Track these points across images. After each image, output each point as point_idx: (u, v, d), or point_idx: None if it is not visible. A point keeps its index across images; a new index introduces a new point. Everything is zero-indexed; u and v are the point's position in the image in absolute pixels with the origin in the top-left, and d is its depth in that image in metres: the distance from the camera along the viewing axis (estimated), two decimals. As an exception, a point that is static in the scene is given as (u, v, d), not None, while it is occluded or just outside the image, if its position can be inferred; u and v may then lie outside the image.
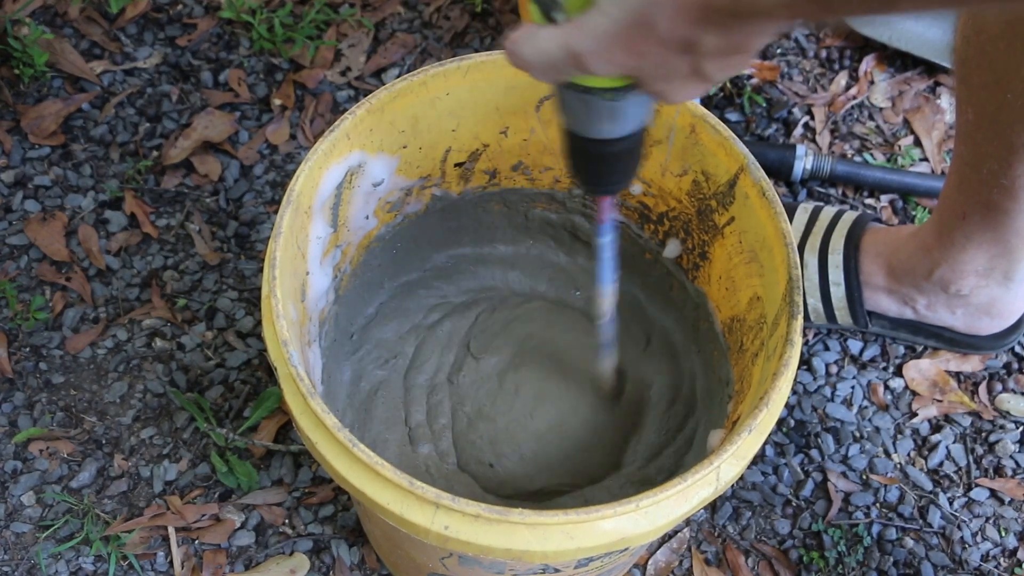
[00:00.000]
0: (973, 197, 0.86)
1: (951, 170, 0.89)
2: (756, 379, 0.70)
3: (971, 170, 0.84)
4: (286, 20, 1.21)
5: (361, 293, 0.87)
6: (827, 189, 1.13)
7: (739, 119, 1.17)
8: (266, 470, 0.97)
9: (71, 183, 1.11)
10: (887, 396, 1.03)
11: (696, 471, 0.61)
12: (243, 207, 1.10)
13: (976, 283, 0.93)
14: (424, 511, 0.60)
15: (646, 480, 0.84)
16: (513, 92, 0.77)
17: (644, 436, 0.87)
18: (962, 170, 0.86)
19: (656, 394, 0.88)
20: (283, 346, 0.63)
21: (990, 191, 0.84)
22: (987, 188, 0.84)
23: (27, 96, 1.16)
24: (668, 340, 0.89)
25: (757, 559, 0.95)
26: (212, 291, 1.05)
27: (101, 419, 0.99)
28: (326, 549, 0.94)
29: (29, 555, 0.93)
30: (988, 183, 0.83)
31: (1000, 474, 1.00)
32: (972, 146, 0.82)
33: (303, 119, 1.16)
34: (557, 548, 0.60)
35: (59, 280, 1.05)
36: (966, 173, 0.85)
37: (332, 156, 0.72)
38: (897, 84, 1.20)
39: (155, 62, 1.19)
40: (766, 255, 0.71)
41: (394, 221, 0.84)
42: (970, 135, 0.82)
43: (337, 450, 0.62)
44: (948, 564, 0.95)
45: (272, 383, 1.01)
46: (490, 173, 0.85)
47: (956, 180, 0.88)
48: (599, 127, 0.55)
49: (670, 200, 0.81)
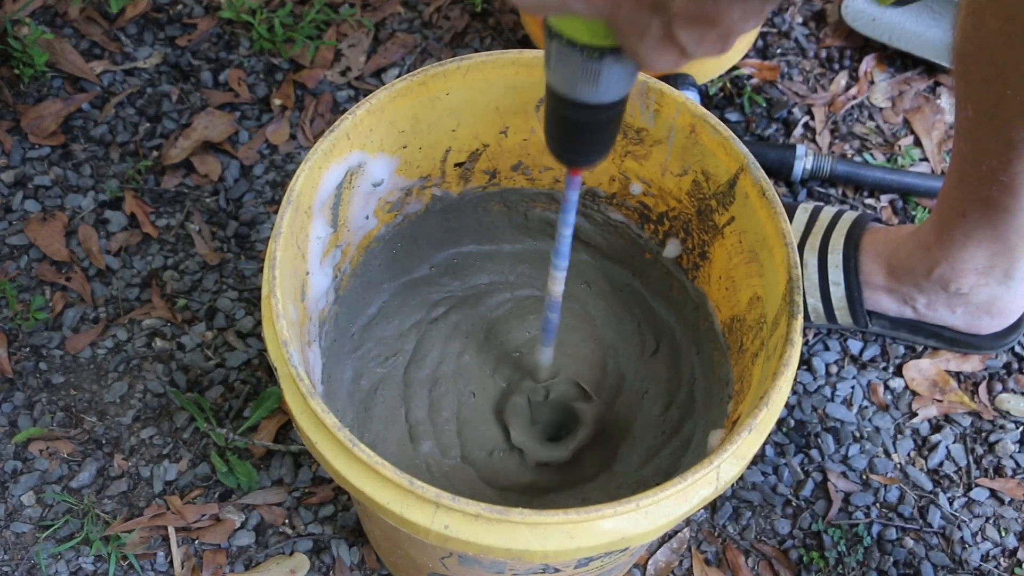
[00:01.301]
0: (973, 194, 0.86)
1: (951, 168, 0.88)
2: (756, 379, 0.70)
3: (970, 167, 0.84)
4: (286, 20, 1.21)
5: (361, 293, 0.87)
6: (827, 189, 1.13)
7: (739, 119, 1.17)
8: (266, 470, 0.97)
9: (71, 183, 1.11)
10: (887, 396, 1.03)
11: (696, 471, 0.61)
12: (243, 207, 1.10)
13: (976, 281, 0.93)
14: (424, 511, 0.60)
15: (642, 481, 0.84)
16: (513, 92, 0.77)
17: (640, 436, 0.87)
18: (962, 167, 0.86)
19: (653, 395, 0.88)
20: (283, 346, 0.63)
21: (990, 188, 0.83)
22: (987, 185, 0.83)
23: (27, 96, 1.16)
24: (671, 341, 0.89)
25: (757, 559, 0.95)
26: (212, 291, 1.05)
27: (101, 419, 0.99)
28: (326, 549, 0.94)
29: (29, 555, 0.93)
30: (987, 180, 0.83)
31: (1000, 474, 1.00)
32: (971, 143, 0.82)
33: (303, 119, 1.16)
34: (557, 548, 0.60)
35: (59, 280, 1.05)
36: (966, 170, 0.85)
37: (332, 156, 0.72)
38: (897, 84, 1.21)
39: (155, 62, 1.19)
40: (766, 255, 0.71)
41: (394, 221, 0.84)
42: (969, 132, 0.82)
43: (337, 450, 0.62)
44: (948, 564, 0.95)
45: (272, 383, 1.01)
46: (490, 173, 0.85)
47: (956, 178, 0.88)
48: (579, 88, 0.56)
49: (670, 200, 0.81)
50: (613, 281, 0.92)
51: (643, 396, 0.89)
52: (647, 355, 0.90)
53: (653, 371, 0.89)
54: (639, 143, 0.79)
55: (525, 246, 0.93)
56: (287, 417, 0.98)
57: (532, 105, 0.78)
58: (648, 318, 0.90)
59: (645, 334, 0.90)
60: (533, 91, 0.77)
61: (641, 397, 0.89)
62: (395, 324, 0.92)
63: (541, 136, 0.81)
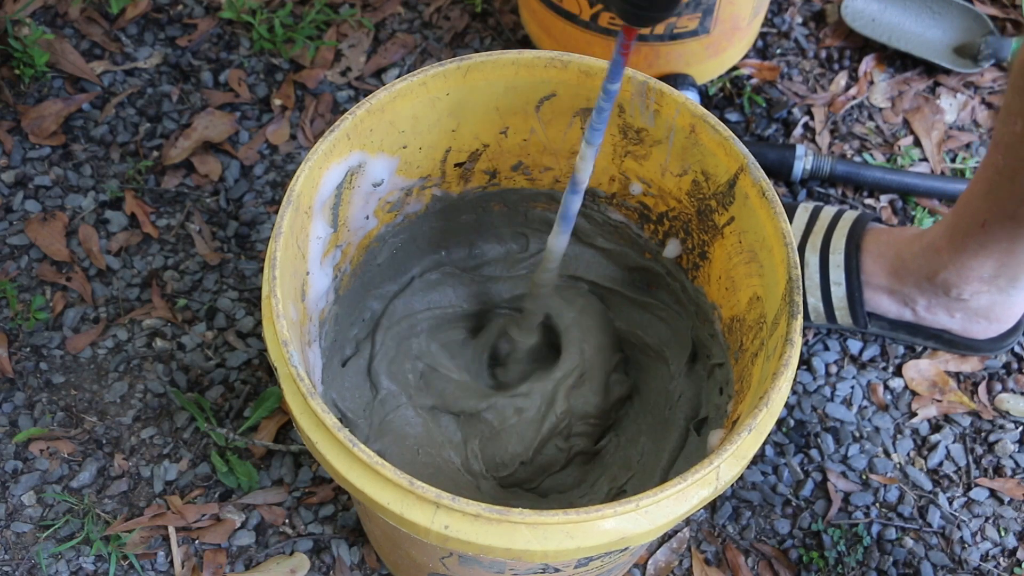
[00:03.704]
0: (999, 208, 0.85)
1: (979, 176, 0.87)
2: (756, 379, 0.70)
3: (1005, 181, 0.83)
4: (286, 20, 1.21)
5: (361, 293, 0.87)
6: (827, 189, 1.14)
7: (739, 119, 1.17)
8: (266, 470, 0.97)
9: (71, 183, 1.11)
10: (887, 396, 1.03)
11: (696, 471, 0.61)
12: (243, 207, 1.10)
13: (978, 288, 0.93)
14: (424, 511, 0.60)
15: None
16: (513, 92, 0.77)
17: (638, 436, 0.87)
18: (993, 179, 0.84)
19: (653, 394, 0.89)
20: (283, 346, 0.63)
21: (1019, 205, 0.83)
22: (1016, 201, 0.83)
23: (28, 96, 1.16)
24: (671, 341, 0.89)
25: (757, 559, 0.95)
26: (212, 291, 1.06)
27: (101, 419, 0.99)
28: (326, 549, 0.94)
29: (29, 555, 0.93)
30: (1019, 197, 0.82)
31: (1000, 474, 1.00)
32: (1012, 158, 0.81)
33: (303, 119, 1.16)
34: (557, 547, 0.60)
35: (59, 280, 1.05)
36: (997, 183, 0.84)
37: (332, 156, 0.72)
38: (897, 84, 1.21)
39: (155, 62, 1.19)
40: (766, 255, 0.71)
41: (394, 221, 0.84)
42: (1012, 147, 0.80)
43: (337, 450, 0.62)
44: (948, 564, 0.95)
45: (272, 383, 1.01)
46: (490, 173, 0.85)
47: (983, 188, 0.86)
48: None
49: (670, 200, 0.81)
50: (613, 281, 0.92)
51: (643, 396, 0.89)
52: (648, 355, 0.90)
53: (653, 371, 0.90)
54: (639, 143, 0.79)
55: (525, 244, 0.93)
56: (287, 417, 0.99)
57: (532, 105, 0.78)
58: (648, 318, 0.91)
59: (645, 334, 0.90)
60: (533, 91, 0.77)
61: (641, 397, 0.89)
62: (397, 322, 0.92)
63: (541, 136, 0.81)
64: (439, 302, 0.92)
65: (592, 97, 0.77)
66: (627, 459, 0.86)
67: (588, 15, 1.07)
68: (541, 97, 0.78)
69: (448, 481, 0.85)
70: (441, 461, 0.86)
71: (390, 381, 0.88)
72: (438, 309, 0.91)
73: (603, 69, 0.74)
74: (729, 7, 1.07)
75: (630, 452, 0.86)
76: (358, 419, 0.86)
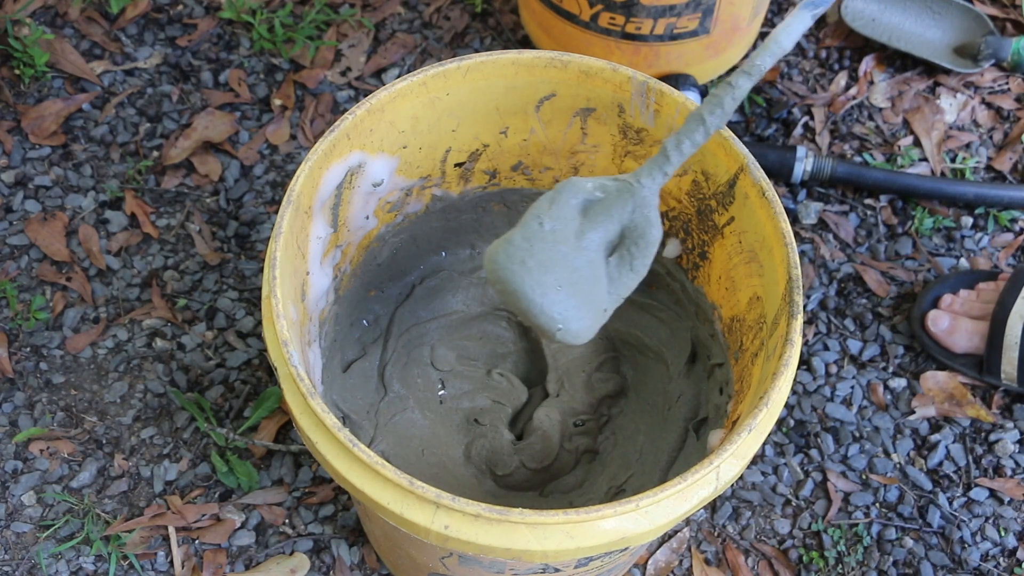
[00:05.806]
0: None
1: None
2: (756, 379, 0.70)
3: None
4: (286, 20, 1.22)
5: (361, 293, 0.87)
6: (827, 191, 1.14)
7: (739, 119, 1.17)
8: (266, 470, 0.97)
9: (71, 183, 1.11)
10: (887, 396, 1.03)
11: (696, 471, 0.61)
12: (243, 207, 1.10)
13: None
14: (424, 511, 0.60)
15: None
16: (513, 92, 0.77)
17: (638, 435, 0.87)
18: None
19: (654, 392, 0.89)
20: (283, 346, 0.63)
21: None
22: None
23: (27, 96, 1.16)
24: (671, 342, 0.89)
25: (757, 559, 0.95)
26: (212, 291, 1.06)
27: (101, 419, 0.99)
28: (326, 549, 0.94)
29: (29, 555, 0.93)
30: None
31: (1000, 474, 1.00)
32: None
33: (303, 119, 1.16)
34: (557, 547, 0.60)
35: (59, 280, 1.05)
36: None
37: (332, 156, 0.72)
38: (897, 84, 1.21)
39: (155, 62, 1.19)
40: (766, 255, 0.71)
41: (394, 221, 0.84)
42: None
43: (337, 450, 0.62)
44: (948, 564, 0.95)
45: (272, 383, 1.01)
46: (490, 173, 0.85)
47: None
48: None
49: (670, 200, 0.81)
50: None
51: (641, 396, 0.89)
52: (647, 355, 0.90)
53: (652, 371, 0.90)
54: (639, 143, 0.79)
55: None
56: (287, 417, 0.99)
57: (532, 105, 0.79)
58: (647, 318, 0.91)
59: (644, 334, 0.91)
60: (533, 91, 0.77)
61: (639, 397, 0.89)
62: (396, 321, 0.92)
63: (541, 136, 0.81)
64: (442, 309, 0.92)
65: (592, 97, 0.77)
66: (626, 458, 0.86)
67: (588, 15, 1.07)
68: (541, 97, 0.78)
69: (452, 481, 0.85)
70: (447, 460, 0.87)
71: (401, 385, 0.88)
72: (443, 317, 0.91)
73: (603, 69, 0.74)
74: (729, 7, 1.07)
75: (628, 451, 0.86)
76: (361, 420, 0.86)
